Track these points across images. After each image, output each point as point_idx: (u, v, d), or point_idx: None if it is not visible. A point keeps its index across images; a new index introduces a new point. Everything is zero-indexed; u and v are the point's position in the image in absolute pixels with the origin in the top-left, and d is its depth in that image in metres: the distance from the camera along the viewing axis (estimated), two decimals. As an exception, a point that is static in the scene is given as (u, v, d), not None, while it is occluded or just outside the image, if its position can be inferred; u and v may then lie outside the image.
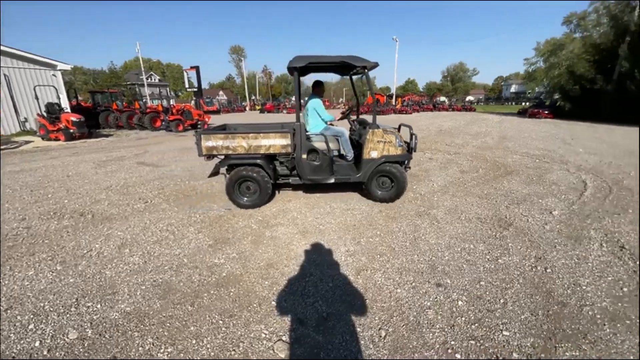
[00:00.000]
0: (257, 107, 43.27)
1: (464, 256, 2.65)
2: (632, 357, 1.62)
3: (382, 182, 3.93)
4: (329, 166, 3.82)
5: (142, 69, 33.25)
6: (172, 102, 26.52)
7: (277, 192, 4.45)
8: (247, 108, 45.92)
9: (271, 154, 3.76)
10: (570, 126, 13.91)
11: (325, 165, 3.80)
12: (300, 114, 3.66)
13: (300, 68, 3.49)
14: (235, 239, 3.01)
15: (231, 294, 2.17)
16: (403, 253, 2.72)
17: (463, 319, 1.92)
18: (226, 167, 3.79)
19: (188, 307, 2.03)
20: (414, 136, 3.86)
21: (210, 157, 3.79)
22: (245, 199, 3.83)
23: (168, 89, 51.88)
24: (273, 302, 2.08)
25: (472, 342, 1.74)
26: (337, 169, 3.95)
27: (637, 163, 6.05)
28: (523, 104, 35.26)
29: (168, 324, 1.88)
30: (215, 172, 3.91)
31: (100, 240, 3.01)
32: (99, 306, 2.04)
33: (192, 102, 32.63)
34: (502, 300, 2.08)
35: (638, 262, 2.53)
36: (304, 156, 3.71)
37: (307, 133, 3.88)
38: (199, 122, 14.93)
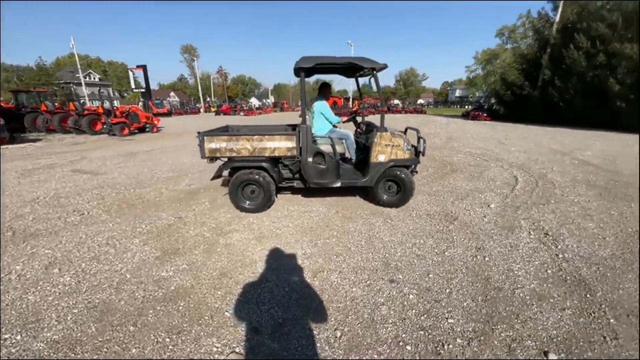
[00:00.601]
0: (213, 109, 41.54)
1: (414, 251, 2.80)
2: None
3: (389, 186, 3.85)
4: (336, 170, 3.70)
5: (79, 67, 30.04)
6: (116, 103, 24.38)
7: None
8: (202, 110, 43.90)
9: (276, 157, 3.65)
10: (505, 127, 15.49)
11: (331, 169, 3.68)
12: (307, 117, 3.58)
13: (306, 69, 3.43)
14: (186, 249, 2.84)
15: (180, 308, 2.04)
16: (359, 252, 2.79)
17: (414, 311, 2.02)
18: (229, 170, 3.68)
19: (130, 327, 1.86)
20: (422, 140, 3.82)
21: (213, 159, 3.68)
22: (248, 202, 3.72)
23: (111, 89, 47.58)
24: (226, 313, 1.99)
25: (422, 332, 1.83)
26: (343, 173, 3.83)
27: (562, 159, 6.94)
28: (466, 107, 38.54)
29: (105, 349, 1.69)
30: (218, 175, 3.79)
31: (22, 260, 2.63)
32: (18, 337, 1.78)
33: (140, 103, 30.34)
34: (447, 290, 2.23)
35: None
36: (310, 159, 3.59)
37: (313, 135, 3.77)
38: (147, 125, 13.92)
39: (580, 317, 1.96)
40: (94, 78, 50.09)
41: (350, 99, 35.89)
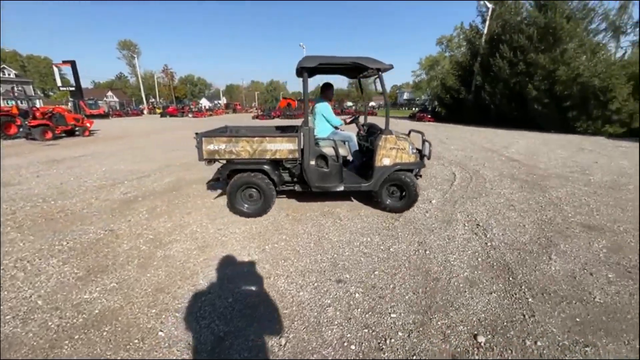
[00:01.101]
0: (158, 111, 38.60)
1: (362, 249, 2.86)
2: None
3: (392, 191, 3.78)
4: (339, 173, 3.57)
5: (-13, 61, 25.68)
6: (38, 103, 21.31)
7: (178, 204, 4.00)
8: (145, 111, 40.61)
9: (277, 160, 3.51)
10: (446, 128, 16.85)
11: (334, 172, 3.56)
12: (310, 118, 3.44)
13: (309, 69, 3.32)
14: (117, 266, 2.55)
15: (105, 334, 1.81)
16: (307, 254, 2.77)
17: (359, 310, 2.05)
18: (227, 172, 3.53)
19: (38, 363, 1.59)
20: (427, 143, 3.76)
21: (211, 161, 3.56)
22: (247, 206, 3.60)
23: (32, 87, 41.62)
24: (160, 333, 1.82)
25: (366, 330, 1.86)
26: (346, 177, 3.71)
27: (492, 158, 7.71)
28: (413, 109, 41.19)
29: (2, 394, 1.43)
30: (217, 178, 3.69)
31: None
32: None
33: (70, 103, 27.02)
34: (391, 286, 2.31)
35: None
36: (312, 162, 3.47)
37: (315, 137, 3.64)
38: (77, 128, 12.42)
39: (504, 299, 2.16)
40: (9, 74, 43.37)
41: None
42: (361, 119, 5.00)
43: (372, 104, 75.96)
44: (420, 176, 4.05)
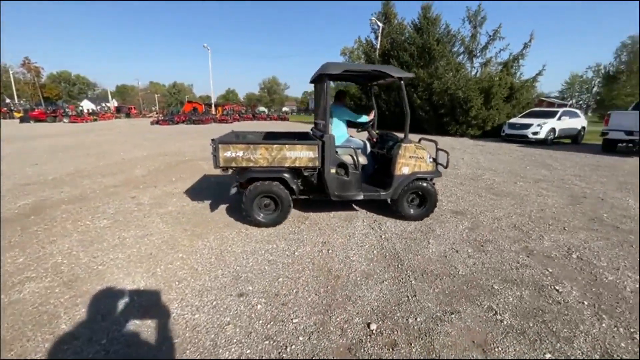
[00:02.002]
0: (17, 115, 30.41)
1: (266, 257, 2.80)
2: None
3: (412, 199, 3.72)
4: (358, 182, 3.53)
5: None
6: None
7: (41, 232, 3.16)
8: (-5, 115, 31.47)
9: (296, 168, 3.36)
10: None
11: (354, 181, 3.50)
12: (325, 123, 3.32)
13: (332, 75, 3.31)
14: None
15: None
16: (207, 271, 2.55)
17: (260, 322, 1.97)
18: (239, 181, 3.40)
19: None
20: (445, 152, 3.89)
21: (226, 169, 3.37)
22: (262, 215, 3.43)
23: None
24: (-9, 408, 1.37)
25: (267, 342, 1.80)
26: (363, 185, 3.63)
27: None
28: (323, 114, 43.49)
29: None
30: (240, 186, 3.46)
31: None
32: None
33: None
34: (295, 291, 2.31)
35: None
36: (333, 170, 3.37)
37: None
38: None
39: (393, 285, 2.41)
40: None
41: (213, 106, 33.93)
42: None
43: (285, 108, 77.19)
44: (434, 184, 3.89)
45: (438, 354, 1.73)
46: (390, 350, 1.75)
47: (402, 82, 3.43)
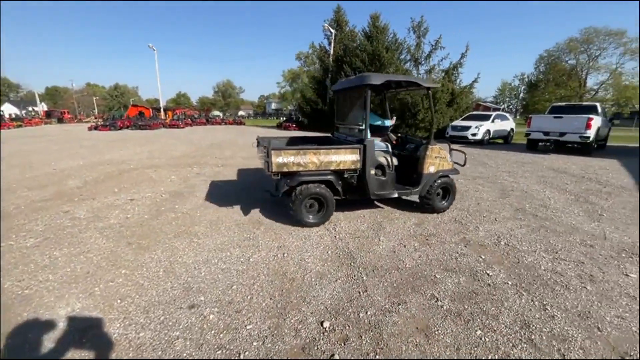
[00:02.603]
0: None
1: (220, 266, 2.73)
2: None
3: (438, 193, 4.20)
4: (393, 181, 3.90)
5: None
6: None
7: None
8: None
9: (339, 170, 3.63)
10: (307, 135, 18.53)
11: (390, 180, 3.85)
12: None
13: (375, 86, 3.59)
14: None
15: None
16: (154, 285, 2.41)
17: (213, 332, 1.93)
18: (290, 185, 3.48)
19: None
20: (462, 152, 4.61)
21: (278, 174, 3.46)
22: (311, 217, 3.66)
23: None
24: None
25: (219, 352, 1.77)
26: (396, 184, 4.01)
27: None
28: (281, 118, 43.30)
29: None
30: (289, 189, 3.54)
31: None
32: None
33: None
34: (249, 297, 2.30)
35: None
36: (372, 171, 3.68)
37: None
38: None
39: (346, 282, 2.52)
40: None
41: (162, 110, 31.83)
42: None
43: (241, 113, 75.34)
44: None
45: (386, 343, 1.85)
46: (342, 344, 1.84)
47: (429, 91, 4.14)
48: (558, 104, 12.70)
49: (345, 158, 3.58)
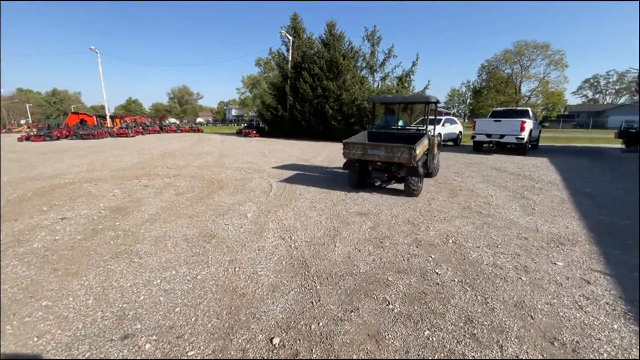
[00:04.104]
0: None
1: (162, 287, 2.51)
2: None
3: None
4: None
5: None
6: None
7: None
8: None
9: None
10: (269, 143, 18.25)
11: (436, 164, 7.16)
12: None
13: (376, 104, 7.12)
14: None
15: None
16: (80, 317, 2.13)
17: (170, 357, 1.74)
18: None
19: None
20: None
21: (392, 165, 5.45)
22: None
23: None
24: None
25: (154, 385, 1.60)
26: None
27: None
28: (242, 125, 42.14)
29: None
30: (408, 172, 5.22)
31: None
32: None
33: None
34: (193, 319, 2.12)
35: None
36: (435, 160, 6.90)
37: None
38: None
39: (299, 293, 2.44)
40: None
41: (108, 117, 29.33)
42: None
43: (199, 119, 72.30)
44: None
45: (337, 354, 1.81)
46: (292, 361, 1.76)
47: (436, 105, 6.56)
48: (498, 109, 13.98)
49: (425, 144, 5.69)
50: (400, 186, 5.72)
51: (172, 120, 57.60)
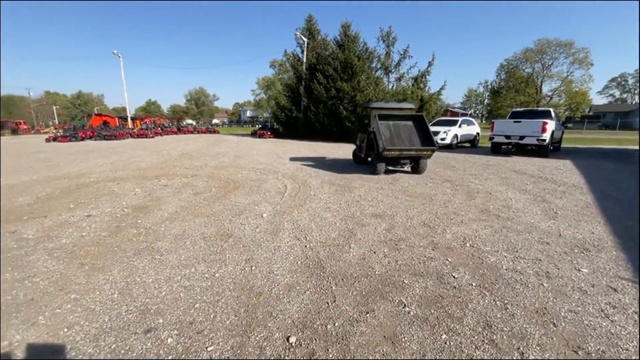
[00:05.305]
0: None
1: (183, 284, 2.59)
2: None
3: None
4: None
5: None
6: None
7: None
8: None
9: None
10: (283, 144, 18.43)
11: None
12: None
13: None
14: None
15: None
16: (106, 310, 2.23)
17: (170, 357, 1.80)
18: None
19: None
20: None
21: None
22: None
23: None
24: None
25: (176, 378, 1.65)
26: None
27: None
28: (256, 126, 42.72)
29: None
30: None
31: None
32: None
33: None
34: (212, 315, 2.18)
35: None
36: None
37: None
38: None
39: (315, 293, 2.47)
40: None
41: (129, 119, 30.42)
42: None
43: (215, 121, 73.80)
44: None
45: (353, 355, 1.81)
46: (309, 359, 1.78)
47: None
48: (517, 110, 13.56)
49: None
50: (417, 188, 5.63)
51: (189, 121, 59.12)
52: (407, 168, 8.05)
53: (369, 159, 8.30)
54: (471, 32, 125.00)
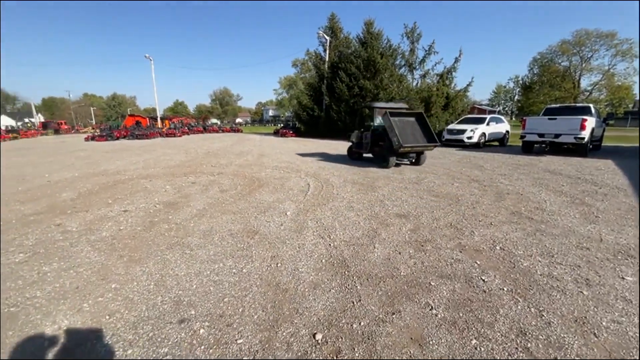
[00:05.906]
0: None
1: (212, 278, 2.69)
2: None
3: None
4: None
5: None
6: None
7: None
8: None
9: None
10: (305, 142, 18.55)
11: None
12: None
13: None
14: None
15: None
16: (144, 300, 2.37)
17: (202, 347, 1.89)
18: None
19: None
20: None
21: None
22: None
23: None
24: None
25: (208, 368, 1.73)
26: None
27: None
28: (279, 125, 43.27)
29: None
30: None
31: None
32: None
33: None
34: (240, 309, 2.26)
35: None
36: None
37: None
38: None
39: (340, 292, 2.48)
40: None
41: (159, 119, 31.90)
42: None
43: (238, 120, 75.58)
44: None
45: (379, 355, 1.81)
46: (335, 358, 1.80)
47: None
48: (552, 106, 12.81)
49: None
50: (443, 188, 5.47)
51: (214, 120, 61.01)
52: (406, 161, 9.11)
53: (370, 155, 9.67)
54: (502, 28, 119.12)
